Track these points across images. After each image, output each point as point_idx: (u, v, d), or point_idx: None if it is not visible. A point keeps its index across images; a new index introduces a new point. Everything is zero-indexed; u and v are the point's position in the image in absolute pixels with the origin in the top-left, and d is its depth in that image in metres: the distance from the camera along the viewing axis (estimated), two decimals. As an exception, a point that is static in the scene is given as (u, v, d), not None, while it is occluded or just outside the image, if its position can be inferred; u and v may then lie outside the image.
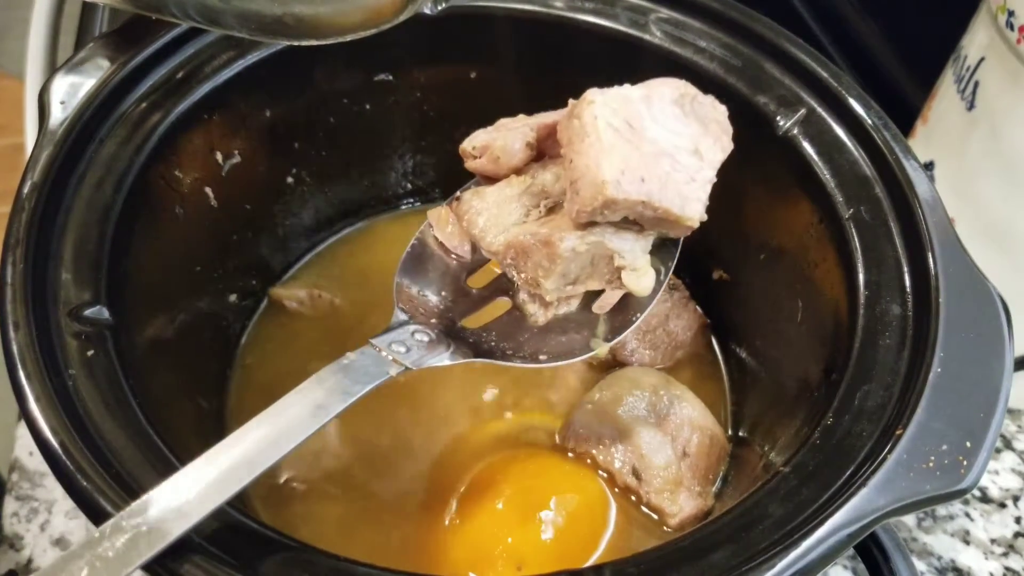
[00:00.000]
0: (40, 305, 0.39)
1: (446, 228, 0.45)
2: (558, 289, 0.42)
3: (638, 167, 0.38)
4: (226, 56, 0.49)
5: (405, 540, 0.48)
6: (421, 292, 0.44)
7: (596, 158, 0.38)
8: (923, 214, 0.43)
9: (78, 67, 0.46)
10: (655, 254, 0.42)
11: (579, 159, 0.39)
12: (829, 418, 0.39)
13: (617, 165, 0.38)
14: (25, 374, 0.36)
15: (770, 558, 0.33)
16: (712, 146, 0.40)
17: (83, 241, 0.42)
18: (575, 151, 0.39)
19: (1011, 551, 0.56)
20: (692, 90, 0.41)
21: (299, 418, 0.35)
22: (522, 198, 0.43)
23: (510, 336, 0.43)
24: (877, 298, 0.42)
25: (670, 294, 0.58)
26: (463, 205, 0.45)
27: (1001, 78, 0.52)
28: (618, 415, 0.51)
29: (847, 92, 0.47)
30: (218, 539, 0.33)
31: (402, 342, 0.40)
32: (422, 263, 0.45)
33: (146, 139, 0.46)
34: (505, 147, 0.43)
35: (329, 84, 0.55)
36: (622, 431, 0.50)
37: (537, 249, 0.41)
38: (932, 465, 0.35)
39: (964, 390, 0.38)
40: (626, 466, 0.50)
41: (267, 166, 0.56)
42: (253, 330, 0.58)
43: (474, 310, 0.44)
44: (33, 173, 0.42)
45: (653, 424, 0.50)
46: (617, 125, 0.38)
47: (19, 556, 0.53)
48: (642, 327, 0.56)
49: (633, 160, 0.38)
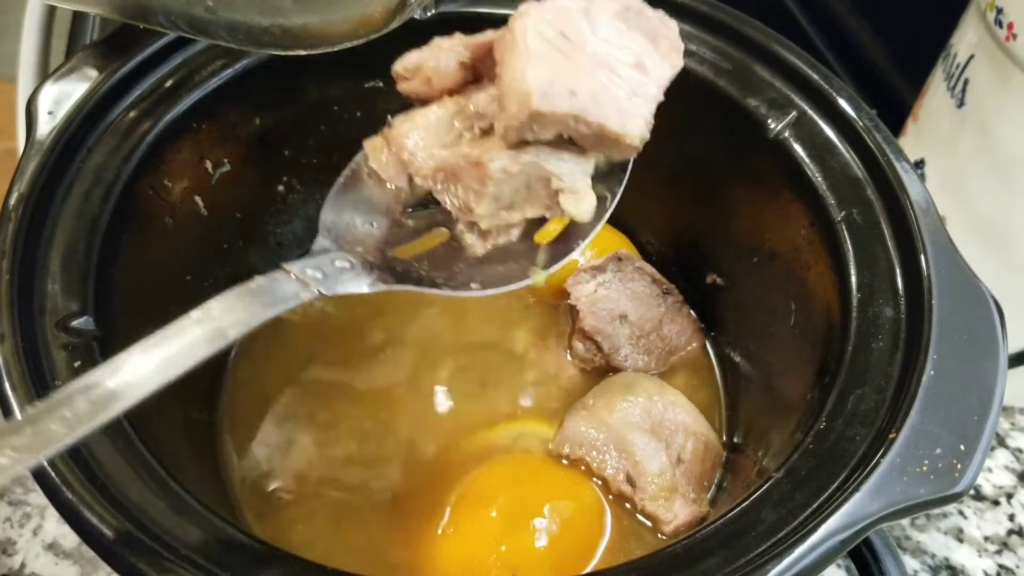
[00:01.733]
0: (27, 316, 0.38)
1: (380, 156, 0.42)
2: (492, 215, 0.39)
3: (568, 79, 0.35)
4: (215, 65, 0.49)
5: (398, 550, 0.48)
6: (350, 222, 0.42)
7: (523, 68, 0.35)
8: (915, 216, 0.42)
9: (66, 76, 0.45)
10: (600, 180, 0.40)
11: (506, 72, 0.36)
12: (822, 422, 0.38)
13: (544, 76, 0.35)
14: (11, 385, 0.36)
15: (763, 564, 0.33)
16: (660, 63, 0.38)
17: (71, 252, 0.41)
18: (504, 65, 0.37)
19: (1005, 549, 0.56)
20: (638, 4, 0.39)
21: (194, 342, 0.32)
22: (455, 120, 0.40)
23: (444, 266, 0.41)
24: (870, 301, 0.42)
25: (664, 299, 0.57)
26: (394, 130, 0.42)
27: (990, 76, 0.52)
28: (612, 421, 0.50)
29: (838, 94, 0.47)
30: (210, 553, 0.33)
31: (319, 268, 0.38)
32: (354, 193, 0.43)
33: (134, 149, 0.45)
34: (437, 68, 0.41)
35: (319, 91, 0.55)
36: (616, 438, 0.50)
37: (467, 171, 0.38)
38: (926, 469, 0.35)
39: (958, 392, 0.37)
40: (620, 473, 0.49)
41: (257, 175, 0.55)
42: (244, 339, 0.57)
43: (408, 240, 0.42)
44: (20, 183, 0.42)
45: (647, 430, 0.50)
46: (550, 36, 0.36)
47: (11, 561, 0.52)
48: (636, 332, 0.55)
49: (563, 71, 0.35)
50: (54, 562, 0.53)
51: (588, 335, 0.55)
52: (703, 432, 0.51)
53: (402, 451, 0.52)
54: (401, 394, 0.54)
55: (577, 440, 0.51)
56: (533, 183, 0.39)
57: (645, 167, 0.41)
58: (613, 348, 0.55)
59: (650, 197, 0.52)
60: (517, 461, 0.52)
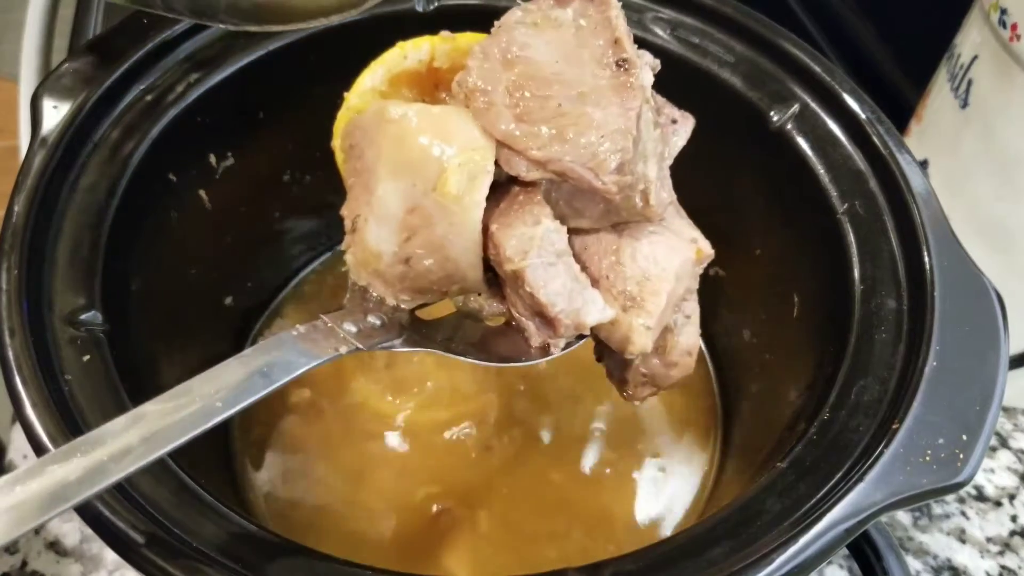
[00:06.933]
0: (35, 311, 0.39)
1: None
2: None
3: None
4: (220, 57, 0.49)
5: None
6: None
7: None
8: (918, 208, 0.43)
9: (70, 72, 0.45)
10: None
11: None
12: (826, 413, 0.39)
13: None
14: (21, 380, 0.36)
15: (768, 554, 0.33)
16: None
17: (77, 246, 0.42)
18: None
19: (1007, 549, 0.56)
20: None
21: (238, 385, 0.33)
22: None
23: (464, 334, 0.41)
24: (872, 292, 0.42)
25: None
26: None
27: (994, 76, 0.52)
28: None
29: (840, 86, 0.47)
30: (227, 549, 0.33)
31: (355, 322, 0.38)
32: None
33: (138, 144, 0.45)
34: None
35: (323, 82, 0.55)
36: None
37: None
38: (929, 459, 0.36)
39: (960, 383, 0.38)
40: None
41: (262, 168, 0.55)
42: (257, 335, 0.58)
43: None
44: (26, 179, 0.42)
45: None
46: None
47: (13, 560, 0.53)
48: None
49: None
50: (56, 560, 0.53)
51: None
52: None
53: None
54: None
55: None
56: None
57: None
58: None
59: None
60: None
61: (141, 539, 0.33)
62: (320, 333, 0.37)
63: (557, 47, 0.37)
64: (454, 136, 0.36)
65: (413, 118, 0.36)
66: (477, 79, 0.37)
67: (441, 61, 0.42)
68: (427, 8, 0.52)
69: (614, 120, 0.35)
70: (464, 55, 0.39)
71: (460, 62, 0.39)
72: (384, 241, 0.37)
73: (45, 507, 0.28)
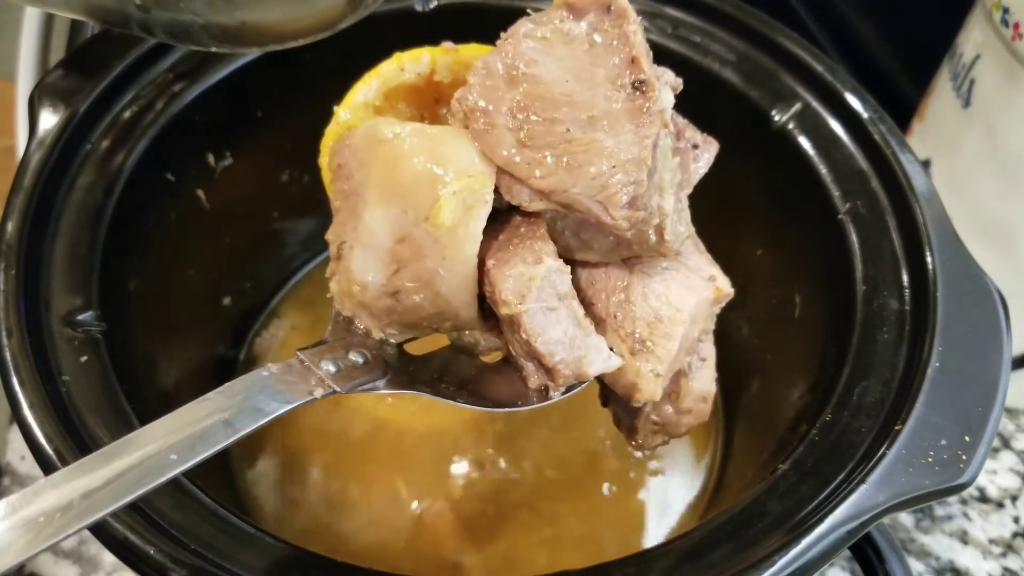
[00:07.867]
0: (33, 311, 0.38)
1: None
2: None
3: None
4: (217, 58, 0.49)
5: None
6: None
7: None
8: (920, 208, 0.42)
9: (68, 71, 0.45)
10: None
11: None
12: (827, 414, 0.38)
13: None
14: (19, 380, 0.36)
15: (770, 556, 0.33)
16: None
17: (75, 246, 0.41)
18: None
19: (1009, 551, 0.56)
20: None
21: (196, 435, 0.29)
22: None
23: (457, 370, 0.38)
24: (875, 293, 0.42)
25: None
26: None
27: (996, 75, 0.52)
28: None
29: (842, 86, 0.47)
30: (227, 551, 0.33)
31: (334, 360, 0.34)
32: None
33: (136, 143, 0.45)
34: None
35: (320, 84, 0.54)
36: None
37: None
38: (931, 460, 0.35)
39: (962, 384, 0.37)
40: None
41: (260, 168, 0.55)
42: (255, 335, 0.58)
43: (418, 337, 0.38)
44: (24, 178, 0.41)
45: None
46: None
47: (13, 561, 0.52)
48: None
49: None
50: (53, 561, 0.53)
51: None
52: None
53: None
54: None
55: None
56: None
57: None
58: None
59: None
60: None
61: (140, 542, 0.33)
62: (295, 374, 0.33)
63: (568, 65, 0.34)
64: (450, 160, 0.33)
65: (406, 139, 0.33)
66: (478, 97, 0.34)
67: (442, 74, 0.39)
68: (426, 7, 0.52)
69: (627, 149, 0.32)
70: (467, 68, 0.35)
71: (463, 76, 0.36)
72: (371, 272, 0.34)
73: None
